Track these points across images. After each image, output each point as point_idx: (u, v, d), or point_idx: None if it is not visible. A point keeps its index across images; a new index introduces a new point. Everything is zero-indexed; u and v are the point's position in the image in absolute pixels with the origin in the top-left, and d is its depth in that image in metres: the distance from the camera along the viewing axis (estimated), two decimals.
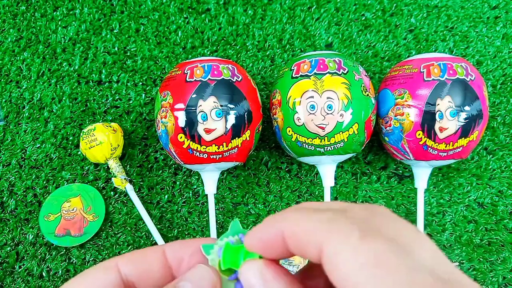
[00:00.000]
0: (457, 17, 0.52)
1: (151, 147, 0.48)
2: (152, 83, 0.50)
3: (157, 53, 0.51)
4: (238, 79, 0.40)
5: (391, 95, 0.40)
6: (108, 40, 0.51)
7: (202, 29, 0.52)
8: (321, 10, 0.53)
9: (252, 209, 0.46)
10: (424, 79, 0.38)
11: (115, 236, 0.45)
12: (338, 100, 0.38)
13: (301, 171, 0.47)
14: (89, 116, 0.49)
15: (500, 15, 0.53)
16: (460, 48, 0.51)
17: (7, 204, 0.46)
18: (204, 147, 0.38)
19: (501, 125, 0.48)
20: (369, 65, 0.50)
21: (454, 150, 0.39)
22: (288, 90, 0.39)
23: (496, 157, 0.47)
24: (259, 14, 0.52)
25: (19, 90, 0.50)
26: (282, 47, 0.51)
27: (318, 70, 0.38)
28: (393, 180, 0.47)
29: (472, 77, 0.38)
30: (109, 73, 0.50)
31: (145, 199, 0.46)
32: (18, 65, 0.51)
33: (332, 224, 0.14)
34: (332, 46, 0.51)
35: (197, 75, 0.39)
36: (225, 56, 0.51)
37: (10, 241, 0.44)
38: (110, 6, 0.53)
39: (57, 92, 0.49)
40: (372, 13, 0.53)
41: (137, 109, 0.49)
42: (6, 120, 0.49)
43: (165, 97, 0.39)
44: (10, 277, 0.43)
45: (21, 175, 0.47)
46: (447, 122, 0.37)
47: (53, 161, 0.47)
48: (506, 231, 0.45)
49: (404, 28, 0.52)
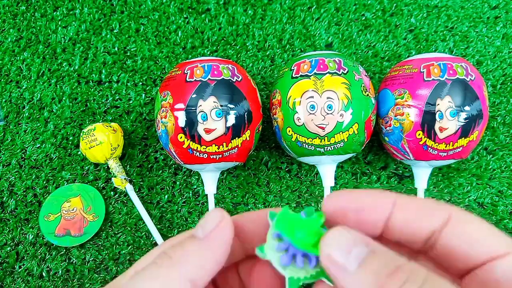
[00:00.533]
0: (457, 17, 0.52)
1: (151, 147, 0.48)
2: (152, 83, 0.50)
3: (157, 53, 0.51)
4: (238, 79, 0.40)
5: (391, 95, 0.40)
6: (108, 40, 0.51)
7: (202, 29, 0.52)
8: (321, 10, 0.53)
9: (252, 209, 0.46)
10: (424, 79, 0.38)
11: (115, 236, 0.45)
12: (338, 100, 0.38)
13: (301, 171, 0.47)
14: (89, 116, 0.49)
15: (500, 15, 0.53)
16: (460, 48, 0.51)
17: (7, 204, 0.46)
18: (204, 147, 0.38)
19: (501, 125, 0.48)
20: (369, 65, 0.50)
21: (454, 150, 0.39)
22: (288, 90, 0.39)
23: (496, 157, 0.47)
24: (259, 14, 0.52)
25: (19, 90, 0.50)
26: (282, 47, 0.51)
27: (318, 70, 0.38)
28: (393, 180, 0.47)
29: (472, 77, 0.38)
30: (109, 73, 0.50)
31: (145, 199, 0.46)
32: (18, 65, 0.51)
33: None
34: (332, 46, 0.51)
35: (197, 75, 0.39)
36: (225, 56, 0.51)
37: (10, 241, 0.44)
38: (110, 6, 0.53)
39: (57, 92, 0.49)
40: (372, 13, 0.53)
41: (137, 109, 0.49)
42: (6, 120, 0.49)
43: (165, 97, 0.39)
44: (10, 277, 0.43)
45: (21, 175, 0.47)
46: (447, 122, 0.37)
47: (53, 161, 0.47)
48: (506, 231, 0.45)
49: (404, 28, 0.52)
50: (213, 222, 0.16)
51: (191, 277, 0.15)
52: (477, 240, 0.15)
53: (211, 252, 0.16)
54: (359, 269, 0.14)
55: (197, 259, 0.16)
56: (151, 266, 0.15)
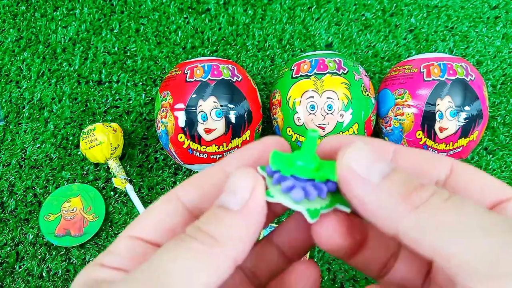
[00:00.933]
0: (457, 17, 0.52)
1: (151, 147, 0.48)
2: (152, 83, 0.50)
3: (157, 53, 0.51)
4: (238, 79, 0.40)
5: (391, 95, 0.40)
6: (108, 40, 0.51)
7: (202, 29, 0.52)
8: (321, 10, 0.53)
9: None
10: (424, 79, 0.38)
11: (115, 236, 0.45)
12: (338, 100, 0.38)
13: None
14: (89, 116, 0.49)
15: (500, 15, 0.53)
16: (460, 48, 0.51)
17: (7, 204, 0.46)
18: (204, 147, 0.38)
19: (501, 125, 0.48)
20: (369, 65, 0.50)
21: (454, 150, 0.39)
22: (288, 90, 0.39)
23: (496, 157, 0.47)
24: (259, 14, 0.52)
25: (19, 90, 0.50)
26: (282, 47, 0.51)
27: (318, 70, 0.38)
28: None
29: (472, 77, 0.38)
30: (109, 73, 0.50)
31: (145, 199, 0.46)
32: (18, 65, 0.51)
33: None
34: (332, 46, 0.51)
35: (197, 75, 0.39)
36: (225, 56, 0.51)
37: (10, 241, 0.44)
38: (110, 6, 0.53)
39: (57, 92, 0.49)
40: (372, 13, 0.53)
41: (137, 109, 0.49)
42: (6, 120, 0.49)
43: (165, 97, 0.39)
44: (10, 277, 0.43)
45: (21, 175, 0.47)
46: (447, 122, 0.37)
47: (53, 161, 0.47)
48: None
49: (404, 28, 0.52)
50: (246, 189, 0.14)
51: (235, 256, 0.13)
52: (485, 185, 0.14)
53: (248, 225, 0.14)
54: (384, 181, 0.13)
55: (239, 236, 0.14)
56: (192, 245, 0.13)
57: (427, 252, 0.12)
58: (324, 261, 0.42)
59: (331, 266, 0.42)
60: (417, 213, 0.12)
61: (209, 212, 0.14)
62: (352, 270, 0.42)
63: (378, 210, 0.13)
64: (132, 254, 0.15)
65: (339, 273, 0.42)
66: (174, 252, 0.13)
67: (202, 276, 0.13)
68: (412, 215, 0.12)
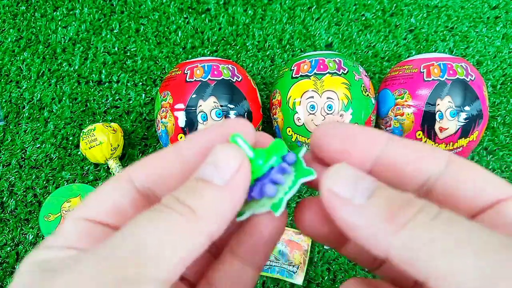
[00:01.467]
0: (457, 17, 0.52)
1: (151, 147, 0.48)
2: (152, 83, 0.50)
3: (157, 53, 0.51)
4: (238, 79, 0.40)
5: (391, 95, 0.40)
6: (108, 40, 0.51)
7: (202, 29, 0.52)
8: (321, 10, 0.53)
9: None
10: (424, 79, 0.38)
11: None
12: (338, 100, 0.38)
13: None
14: (89, 116, 0.49)
15: (500, 15, 0.53)
16: (460, 48, 0.51)
17: (7, 204, 0.46)
18: None
19: (501, 125, 0.48)
20: (369, 65, 0.50)
21: (454, 150, 0.39)
22: (288, 90, 0.39)
23: (496, 157, 0.47)
24: (259, 14, 0.52)
25: (19, 90, 0.50)
26: (282, 47, 0.51)
27: (318, 70, 0.38)
28: None
29: (472, 77, 0.38)
30: (109, 73, 0.50)
31: None
32: (18, 65, 0.51)
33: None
34: (332, 46, 0.51)
35: (197, 75, 0.39)
36: (225, 56, 0.51)
37: (10, 241, 0.44)
38: (110, 6, 0.53)
39: (57, 92, 0.49)
40: (372, 13, 0.53)
41: (137, 109, 0.49)
42: (6, 120, 0.49)
43: (165, 97, 0.39)
44: (10, 277, 0.43)
45: (21, 175, 0.47)
46: (447, 122, 0.37)
47: (53, 161, 0.47)
48: None
49: (404, 28, 0.52)
50: (233, 164, 0.14)
51: (211, 231, 0.13)
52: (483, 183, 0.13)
53: (232, 202, 0.14)
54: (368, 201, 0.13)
55: (218, 211, 0.13)
56: (171, 217, 0.13)
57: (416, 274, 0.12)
58: (324, 261, 0.42)
59: (331, 266, 0.42)
60: (404, 233, 0.12)
61: (188, 184, 0.14)
62: (352, 270, 0.42)
63: (365, 232, 0.13)
64: (80, 234, 0.14)
65: (339, 273, 0.42)
66: (150, 223, 0.12)
67: (181, 251, 0.12)
68: (400, 236, 0.12)
